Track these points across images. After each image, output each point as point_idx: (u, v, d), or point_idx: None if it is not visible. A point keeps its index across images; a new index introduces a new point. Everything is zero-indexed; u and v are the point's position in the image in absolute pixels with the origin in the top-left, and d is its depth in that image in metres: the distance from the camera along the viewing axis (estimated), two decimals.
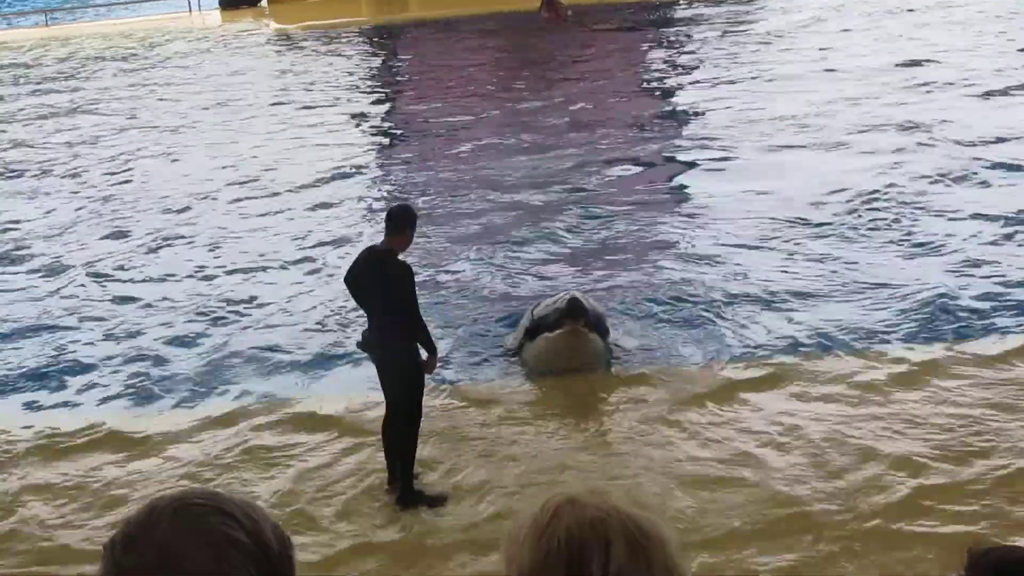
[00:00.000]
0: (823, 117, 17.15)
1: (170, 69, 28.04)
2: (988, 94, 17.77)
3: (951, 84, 18.68)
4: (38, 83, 27.48)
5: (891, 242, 11.83)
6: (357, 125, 20.43)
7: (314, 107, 21.72)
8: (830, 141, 15.91)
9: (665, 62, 24.32)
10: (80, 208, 15.85)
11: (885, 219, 12.46)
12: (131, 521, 1.60)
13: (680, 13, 30.15)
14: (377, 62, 28.34)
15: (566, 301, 8.56)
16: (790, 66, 21.47)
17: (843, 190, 13.51)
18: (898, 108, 17.26)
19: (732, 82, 20.51)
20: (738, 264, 11.51)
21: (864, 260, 11.28)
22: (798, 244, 11.97)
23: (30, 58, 31.98)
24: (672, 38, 26.95)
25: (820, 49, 22.83)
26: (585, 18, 29.53)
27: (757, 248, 11.94)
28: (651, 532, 1.57)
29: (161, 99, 23.90)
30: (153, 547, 1.55)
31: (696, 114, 18.59)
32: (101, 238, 14.36)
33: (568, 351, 8.61)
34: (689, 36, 26.50)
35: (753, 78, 20.69)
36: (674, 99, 20.60)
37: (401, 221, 7.07)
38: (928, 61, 20.74)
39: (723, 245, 12.13)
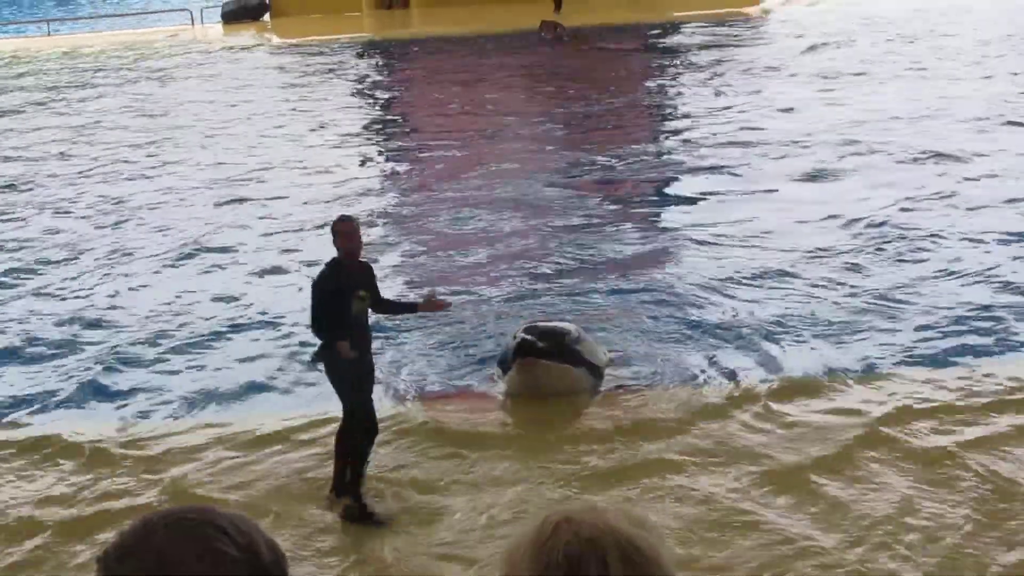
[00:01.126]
0: (828, 141, 17.14)
1: (170, 81, 28.04)
2: (1007, 120, 17.78)
3: (965, 109, 18.61)
4: (35, 93, 27.45)
5: (897, 264, 11.82)
6: (357, 139, 20.43)
7: (315, 121, 21.71)
8: (835, 165, 15.92)
9: (668, 83, 24.37)
10: (78, 219, 15.84)
11: (892, 242, 12.44)
12: (124, 533, 1.60)
13: (682, 36, 30.23)
14: (378, 78, 28.40)
15: (517, 339, 8.82)
16: (793, 89, 21.52)
17: (849, 215, 13.49)
18: (909, 133, 17.26)
19: (734, 104, 20.53)
20: (742, 287, 11.46)
21: (871, 283, 11.26)
22: (804, 266, 11.93)
23: (30, 68, 31.97)
24: (674, 60, 27.00)
25: (823, 76, 22.86)
26: (584, 39, 29.62)
27: (761, 272, 11.87)
28: (647, 549, 1.60)
29: (160, 112, 23.87)
30: (150, 555, 1.55)
31: (699, 136, 18.57)
32: (96, 250, 14.32)
33: (524, 385, 8.85)
34: (692, 58, 26.55)
35: (755, 101, 20.71)
36: (676, 119, 20.63)
37: (333, 232, 7.43)
38: (938, 84, 20.79)
39: (727, 267, 12.07)
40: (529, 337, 8.82)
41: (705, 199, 14.98)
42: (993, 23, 27.43)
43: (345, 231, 7.33)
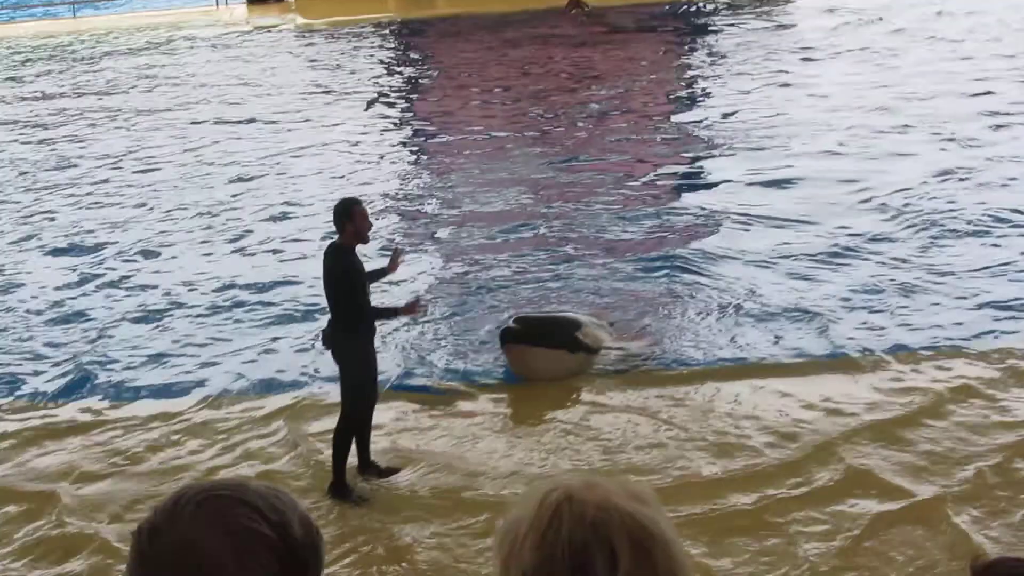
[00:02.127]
0: (854, 123, 16.96)
1: (194, 63, 28.04)
2: None
3: (1002, 88, 18.36)
4: (61, 75, 27.54)
5: (928, 245, 11.74)
6: (381, 121, 20.37)
7: (339, 102, 21.67)
8: (859, 147, 15.75)
9: (693, 64, 24.15)
10: (107, 200, 15.93)
11: (922, 224, 12.32)
12: (157, 510, 1.61)
13: (707, 17, 29.95)
14: (403, 58, 28.28)
15: (502, 326, 9.23)
16: (820, 68, 21.28)
17: (874, 197, 13.40)
18: (944, 114, 17.04)
19: (759, 86, 20.31)
20: (758, 270, 11.43)
21: (903, 264, 11.19)
22: (823, 250, 11.87)
23: (57, 50, 32.06)
24: (699, 41, 26.77)
25: (852, 55, 22.59)
26: (609, 18, 29.42)
27: (775, 255, 11.82)
28: (654, 532, 1.54)
29: (183, 93, 23.88)
30: (176, 538, 1.56)
31: (720, 118, 18.41)
32: (115, 229, 14.43)
33: (514, 368, 9.18)
34: (715, 39, 26.31)
35: (779, 80, 20.52)
36: (698, 101, 20.45)
37: (335, 219, 7.35)
38: (976, 63, 20.50)
39: (741, 250, 12.04)
40: (512, 325, 9.16)
41: (733, 181, 14.82)
42: None
43: (362, 213, 7.29)
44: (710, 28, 27.92)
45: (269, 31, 32.81)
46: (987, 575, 2.10)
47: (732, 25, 27.57)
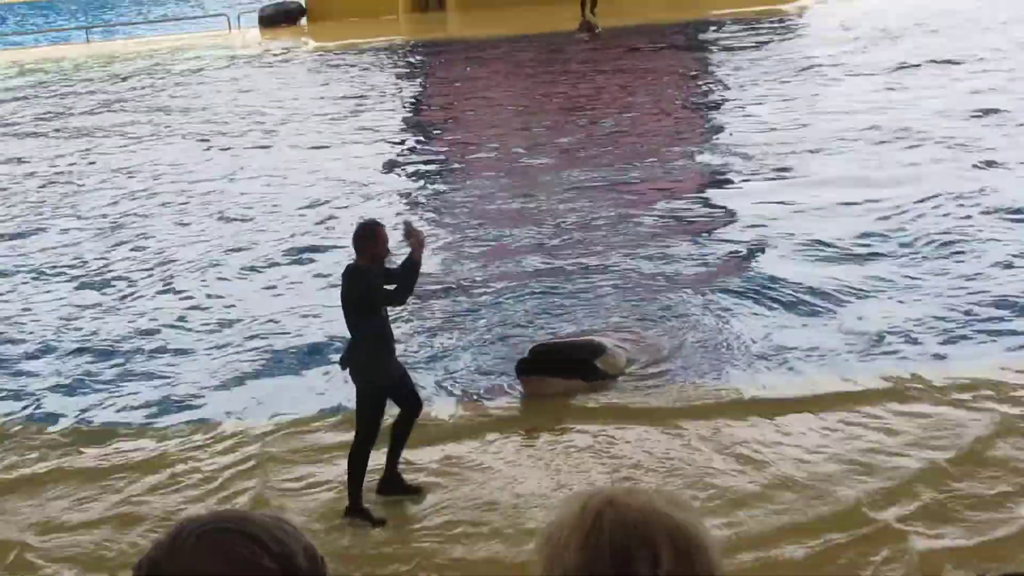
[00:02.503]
0: (864, 138, 16.89)
1: (207, 86, 28.15)
2: None
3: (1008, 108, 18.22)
4: (76, 98, 27.67)
5: (943, 263, 11.60)
6: (391, 142, 20.36)
7: (350, 124, 21.69)
8: (879, 160, 15.67)
9: (707, 82, 24.13)
10: (121, 220, 15.97)
11: (938, 243, 12.19)
12: (158, 545, 1.59)
13: (717, 34, 29.97)
14: (414, 80, 28.35)
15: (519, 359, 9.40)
16: (835, 84, 21.25)
17: (884, 212, 13.28)
18: (958, 127, 16.96)
19: (774, 102, 20.29)
20: (782, 286, 11.28)
21: (921, 281, 11.08)
22: (833, 261, 11.79)
23: (72, 74, 32.24)
24: (713, 58, 26.77)
25: (866, 71, 22.55)
26: (618, 38, 29.47)
27: (797, 272, 11.67)
28: (695, 536, 1.57)
29: (196, 115, 23.96)
30: (176, 573, 1.54)
31: (735, 134, 18.34)
32: (135, 247, 14.44)
33: (529, 394, 9.30)
34: (728, 56, 26.28)
35: (793, 99, 20.46)
36: (713, 118, 20.39)
37: (356, 241, 7.31)
38: (981, 78, 20.45)
39: (764, 264, 11.96)
40: (528, 355, 9.34)
41: (748, 196, 14.73)
42: None
43: (384, 237, 7.30)
44: (723, 45, 27.91)
45: (282, 54, 32.95)
46: None
47: (745, 42, 27.57)
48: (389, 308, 7.53)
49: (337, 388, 9.11)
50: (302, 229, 14.78)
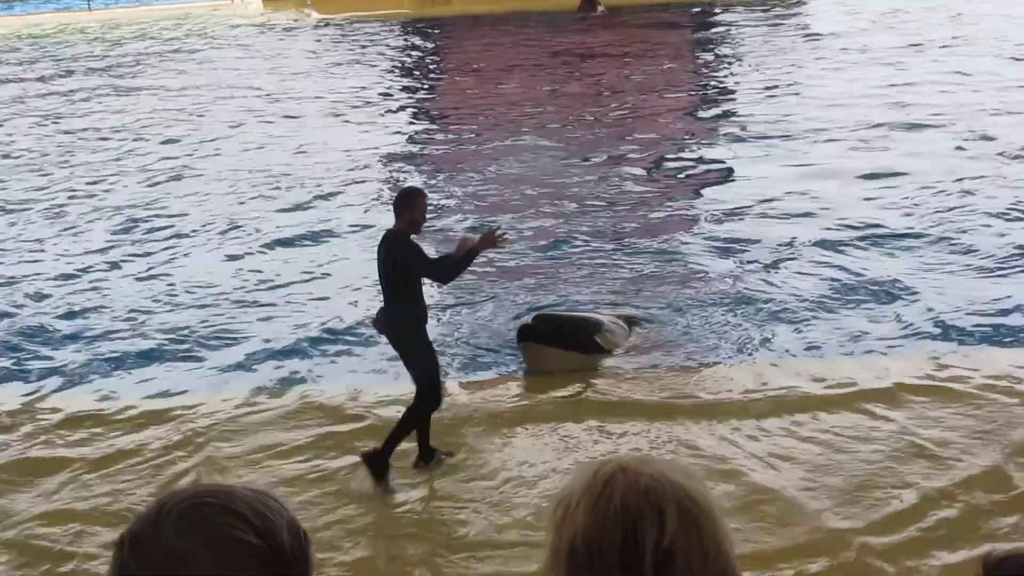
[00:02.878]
0: (871, 120, 16.88)
1: (208, 58, 28.07)
2: None
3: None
4: (75, 69, 27.58)
5: (938, 245, 11.60)
6: (394, 117, 20.34)
7: (353, 99, 21.66)
8: (879, 143, 15.68)
9: (709, 63, 24.12)
10: (125, 193, 15.93)
11: (932, 225, 12.21)
12: (140, 519, 1.57)
13: (722, 15, 29.90)
14: (417, 55, 28.27)
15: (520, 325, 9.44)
16: (837, 68, 21.24)
17: (894, 195, 13.30)
18: (960, 113, 16.96)
19: (775, 85, 20.27)
20: (780, 266, 11.31)
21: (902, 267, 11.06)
22: (831, 252, 11.69)
23: (72, 42, 32.11)
24: (715, 39, 26.73)
25: (867, 55, 22.52)
26: (620, 17, 29.41)
27: (797, 251, 11.71)
28: (702, 502, 1.61)
29: (198, 87, 23.90)
30: (157, 550, 1.52)
31: (737, 116, 18.34)
32: (134, 222, 14.40)
33: (528, 364, 9.36)
34: (730, 37, 26.26)
35: (794, 82, 20.46)
36: (714, 100, 20.38)
37: (396, 205, 7.37)
38: (994, 63, 20.42)
39: (762, 244, 11.94)
40: (531, 323, 9.40)
41: (746, 179, 14.71)
42: None
43: (423, 205, 7.37)
44: (725, 26, 27.87)
45: (283, 26, 32.84)
46: (999, 569, 2.01)
47: (747, 23, 27.53)
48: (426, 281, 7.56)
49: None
50: (288, 205, 14.78)
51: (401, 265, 7.22)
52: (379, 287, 7.64)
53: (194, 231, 13.83)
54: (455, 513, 7.15)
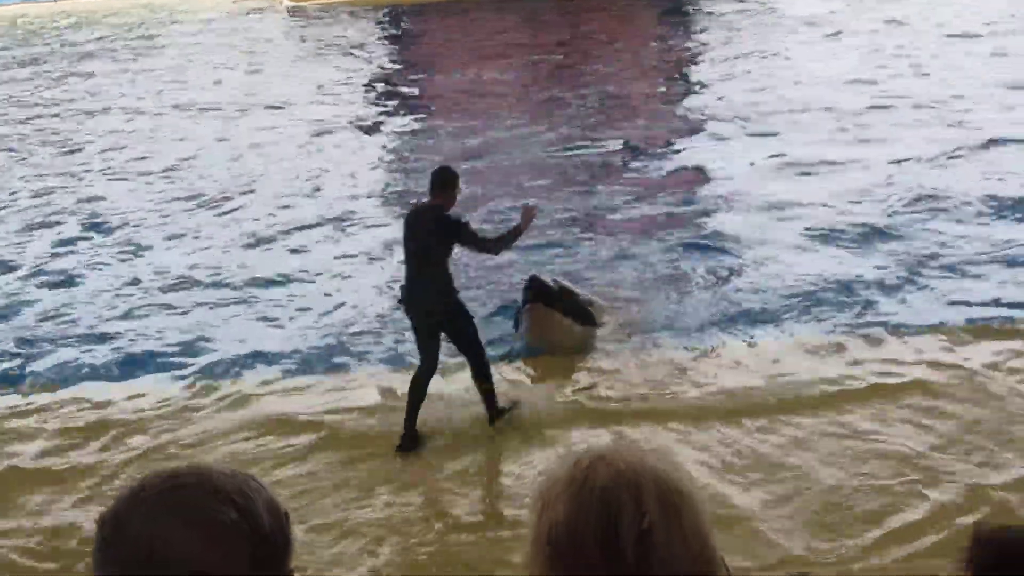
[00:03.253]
0: (851, 102, 16.81)
1: (181, 44, 27.82)
2: None
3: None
4: (41, 59, 27.30)
5: (922, 224, 11.51)
6: (375, 102, 20.18)
7: (326, 84, 21.45)
8: (858, 126, 15.57)
9: (690, 44, 24.02)
10: (99, 181, 15.76)
11: (916, 203, 12.11)
12: (120, 500, 1.57)
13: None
14: (392, 41, 28.09)
15: (527, 283, 9.18)
16: (817, 48, 21.16)
17: (876, 178, 13.17)
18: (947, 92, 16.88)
19: (756, 67, 20.20)
20: (759, 250, 11.20)
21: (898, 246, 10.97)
22: (822, 231, 11.61)
23: (40, 32, 31.79)
24: (696, 19, 26.64)
25: (848, 34, 22.46)
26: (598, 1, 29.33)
27: (775, 234, 11.59)
28: (683, 489, 1.61)
29: (172, 75, 23.67)
30: (139, 527, 1.52)
31: (716, 99, 18.22)
32: (111, 207, 14.23)
33: (531, 328, 9.14)
34: (711, 18, 26.16)
35: (775, 64, 20.41)
36: (695, 81, 20.29)
37: (438, 181, 7.50)
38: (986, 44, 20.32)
39: (741, 227, 11.83)
40: (541, 287, 9.14)
41: (734, 159, 14.57)
42: None
43: (458, 185, 7.54)
44: (704, 11, 27.77)
45: (256, 11, 32.60)
46: (990, 537, 2.09)
47: (726, 7, 27.43)
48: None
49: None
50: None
51: (447, 237, 7.37)
52: (408, 262, 7.66)
53: (142, 223, 13.63)
54: (451, 496, 7.10)
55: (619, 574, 1.54)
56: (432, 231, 7.37)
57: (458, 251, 7.68)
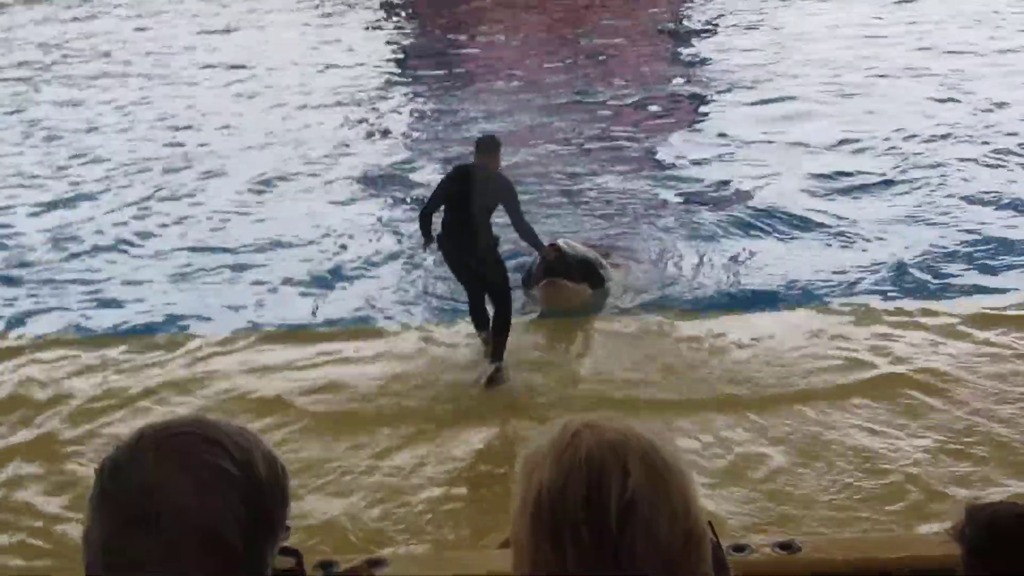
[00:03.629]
0: (850, 66, 16.75)
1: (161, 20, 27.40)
2: None
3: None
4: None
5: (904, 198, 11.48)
6: (369, 71, 19.92)
7: (326, 60, 21.13)
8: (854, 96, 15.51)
9: (689, 10, 23.89)
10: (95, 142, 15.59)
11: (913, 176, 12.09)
12: (119, 448, 1.59)
13: None
14: (392, 22, 27.76)
15: (546, 258, 9.15)
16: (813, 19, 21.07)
17: (870, 141, 13.19)
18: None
19: (752, 26, 20.10)
20: (768, 219, 11.15)
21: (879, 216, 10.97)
22: (828, 200, 11.61)
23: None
24: None
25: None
26: None
27: (775, 201, 11.54)
28: (670, 459, 1.61)
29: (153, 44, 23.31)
30: (137, 476, 1.54)
31: (717, 62, 18.19)
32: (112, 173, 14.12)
33: (549, 301, 9.26)
34: None
35: (779, 27, 20.29)
36: (691, 44, 20.18)
37: (488, 145, 8.21)
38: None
39: (737, 194, 11.85)
40: (563, 249, 9.22)
41: (736, 122, 14.56)
42: None
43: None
44: None
45: None
46: (980, 514, 2.13)
47: None
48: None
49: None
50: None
51: (497, 197, 8.02)
52: (453, 213, 8.05)
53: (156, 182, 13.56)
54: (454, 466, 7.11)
55: (602, 540, 1.54)
56: (485, 189, 7.95)
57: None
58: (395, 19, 25.47)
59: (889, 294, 9.27)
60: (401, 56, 21.18)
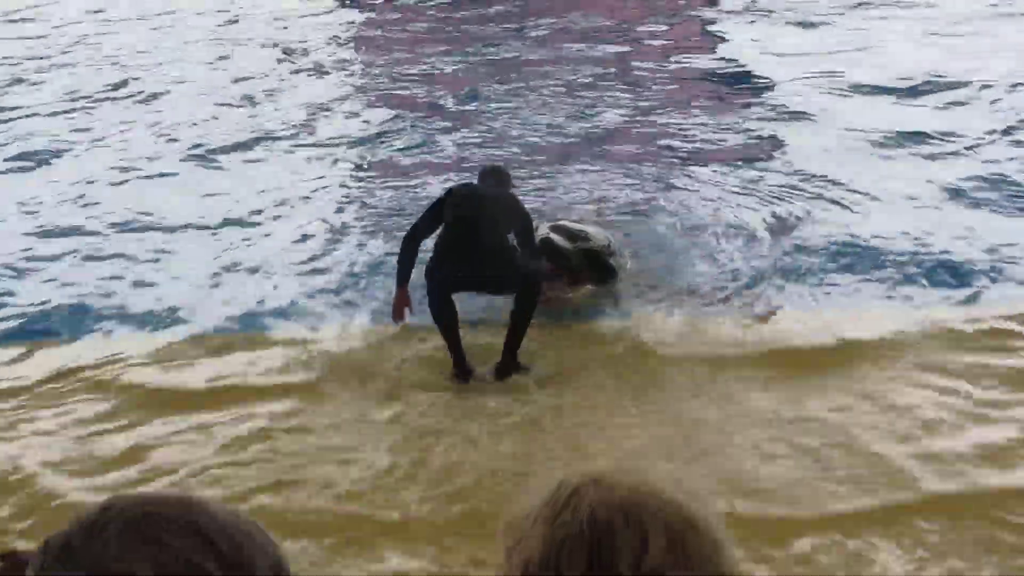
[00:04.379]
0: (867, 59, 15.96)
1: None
2: None
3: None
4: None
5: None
6: (353, 75, 19.27)
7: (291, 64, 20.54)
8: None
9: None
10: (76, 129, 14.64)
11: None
12: (77, 522, 1.33)
13: None
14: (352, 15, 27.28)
15: (545, 239, 8.95)
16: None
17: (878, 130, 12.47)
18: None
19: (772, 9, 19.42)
20: (779, 203, 10.58)
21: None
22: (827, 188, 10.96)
23: None
24: None
25: None
26: None
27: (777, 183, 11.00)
28: (701, 524, 1.36)
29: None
30: (89, 564, 1.27)
31: (728, 58, 17.65)
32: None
33: (551, 300, 8.99)
34: None
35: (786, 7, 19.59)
36: (709, 26, 19.54)
37: (503, 176, 8.27)
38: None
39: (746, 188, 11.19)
40: (555, 244, 8.92)
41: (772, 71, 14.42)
42: None
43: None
44: None
45: None
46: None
47: None
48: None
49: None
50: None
51: (516, 223, 7.92)
52: (467, 231, 7.69)
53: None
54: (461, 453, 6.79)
55: None
56: (508, 212, 7.87)
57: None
58: None
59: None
60: None
